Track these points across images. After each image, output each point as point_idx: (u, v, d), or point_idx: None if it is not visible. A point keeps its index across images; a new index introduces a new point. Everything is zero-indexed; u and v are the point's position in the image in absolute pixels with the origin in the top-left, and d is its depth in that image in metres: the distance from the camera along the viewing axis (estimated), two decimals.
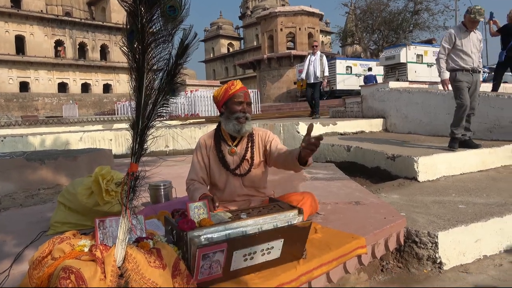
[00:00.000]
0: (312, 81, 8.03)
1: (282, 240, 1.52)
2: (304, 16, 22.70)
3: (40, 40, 38.55)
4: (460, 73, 4.01)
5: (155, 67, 1.32)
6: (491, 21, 6.68)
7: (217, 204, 1.84)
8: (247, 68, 29.63)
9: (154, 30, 1.27)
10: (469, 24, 3.97)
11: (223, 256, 1.37)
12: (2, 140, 5.57)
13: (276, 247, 1.52)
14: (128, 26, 1.27)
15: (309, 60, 8.10)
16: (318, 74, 7.99)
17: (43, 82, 38.29)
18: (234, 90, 2.05)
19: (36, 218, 2.57)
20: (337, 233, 1.96)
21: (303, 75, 8.18)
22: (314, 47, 8.23)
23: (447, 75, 4.07)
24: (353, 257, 1.85)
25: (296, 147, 1.89)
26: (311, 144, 1.68)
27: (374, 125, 6.59)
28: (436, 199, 2.89)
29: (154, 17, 1.25)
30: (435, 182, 3.56)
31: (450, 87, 4.16)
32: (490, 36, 6.93)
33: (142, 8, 1.22)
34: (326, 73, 8.16)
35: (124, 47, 1.27)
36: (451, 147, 4.00)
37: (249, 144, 2.12)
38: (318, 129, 6.06)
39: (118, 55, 40.81)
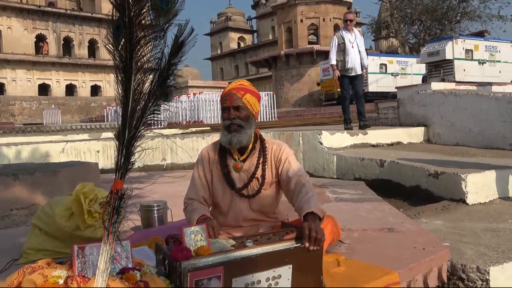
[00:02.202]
0: (358, 73, 6.57)
1: (290, 266, 1.52)
2: (329, 5, 22.86)
3: (18, 35, 39.77)
4: None
5: (145, 67, 1.35)
6: None
7: (220, 233, 1.84)
8: (261, 67, 29.91)
9: (144, 24, 1.31)
10: None
11: (220, 285, 1.38)
12: None
13: (284, 276, 1.52)
14: (115, 20, 1.32)
15: (348, 40, 6.44)
16: (366, 61, 6.69)
17: (21, 83, 39.35)
18: (223, 93, 2.03)
19: (6, 244, 2.61)
20: (364, 266, 1.94)
21: (345, 64, 6.43)
22: (349, 21, 6.64)
23: None
24: None
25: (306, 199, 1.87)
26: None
27: (413, 135, 6.54)
28: (488, 226, 2.84)
29: (144, 10, 1.29)
30: (487, 205, 3.50)
31: None
32: None
33: (130, 0, 1.26)
34: (367, 62, 6.88)
35: (109, 45, 1.31)
36: None
37: (260, 160, 2.07)
38: (344, 139, 6.04)
39: None
